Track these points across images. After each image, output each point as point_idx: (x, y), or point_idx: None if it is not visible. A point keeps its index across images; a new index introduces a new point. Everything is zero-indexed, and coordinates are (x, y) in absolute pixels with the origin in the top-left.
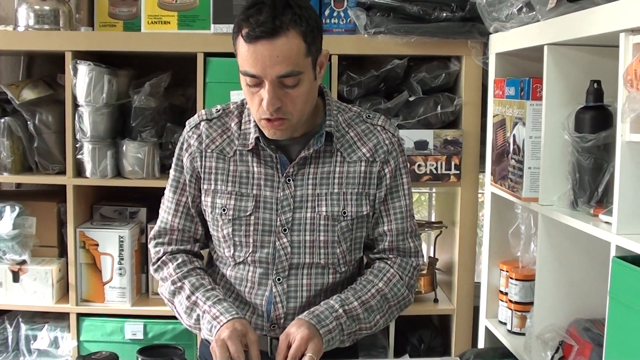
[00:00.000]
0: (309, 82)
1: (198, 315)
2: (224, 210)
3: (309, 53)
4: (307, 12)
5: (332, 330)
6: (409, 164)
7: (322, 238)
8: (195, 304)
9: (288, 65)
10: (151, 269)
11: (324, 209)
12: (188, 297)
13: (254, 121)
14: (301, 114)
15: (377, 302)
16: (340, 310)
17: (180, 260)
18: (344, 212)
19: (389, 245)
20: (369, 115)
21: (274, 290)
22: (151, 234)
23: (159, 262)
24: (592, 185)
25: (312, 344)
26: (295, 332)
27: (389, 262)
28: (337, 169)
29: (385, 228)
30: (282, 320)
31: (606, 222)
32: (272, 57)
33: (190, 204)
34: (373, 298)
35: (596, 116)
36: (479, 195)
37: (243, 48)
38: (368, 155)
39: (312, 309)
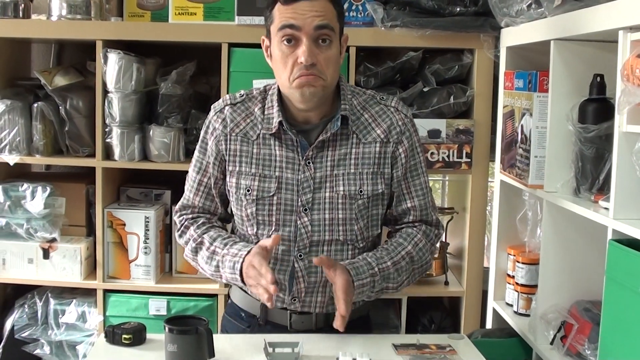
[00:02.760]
0: (337, 48)
1: (217, 261)
2: (248, 190)
3: (339, 20)
4: None
5: (365, 285)
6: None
7: (340, 216)
8: (215, 253)
9: (325, 18)
10: (176, 235)
11: (341, 188)
12: (208, 248)
13: (277, 106)
14: (331, 78)
15: (406, 263)
16: (376, 269)
17: (200, 222)
18: (361, 191)
19: (414, 219)
20: (382, 97)
21: (295, 266)
22: (176, 207)
23: (182, 228)
24: (593, 173)
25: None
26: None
27: (415, 228)
28: (353, 150)
29: (409, 205)
30: (302, 294)
31: (605, 208)
32: (311, 11)
33: (212, 185)
34: (403, 259)
35: (598, 108)
36: (489, 183)
37: (281, 8)
38: (382, 136)
39: (352, 260)
